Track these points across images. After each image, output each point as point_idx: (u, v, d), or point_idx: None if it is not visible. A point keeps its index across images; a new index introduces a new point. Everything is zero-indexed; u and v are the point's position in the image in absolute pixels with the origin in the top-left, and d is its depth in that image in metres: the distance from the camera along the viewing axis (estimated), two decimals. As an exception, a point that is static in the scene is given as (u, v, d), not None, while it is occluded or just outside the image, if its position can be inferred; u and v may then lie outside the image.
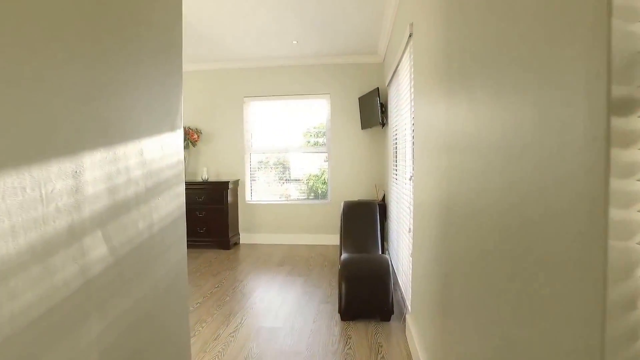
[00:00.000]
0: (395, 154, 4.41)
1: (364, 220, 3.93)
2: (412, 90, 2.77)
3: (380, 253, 3.67)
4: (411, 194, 2.84)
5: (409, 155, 3.55)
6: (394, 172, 4.45)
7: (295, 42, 4.87)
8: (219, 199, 5.46)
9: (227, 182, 5.43)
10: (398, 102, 3.86)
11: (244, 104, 5.86)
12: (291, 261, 4.83)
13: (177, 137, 1.98)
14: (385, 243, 5.03)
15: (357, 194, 5.64)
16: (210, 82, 5.91)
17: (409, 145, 3.44)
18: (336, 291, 3.71)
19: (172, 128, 1.93)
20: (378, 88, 4.96)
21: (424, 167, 2.27)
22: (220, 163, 5.94)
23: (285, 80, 5.74)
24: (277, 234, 5.83)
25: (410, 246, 2.86)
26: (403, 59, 3.38)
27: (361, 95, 5.45)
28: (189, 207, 5.67)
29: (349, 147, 5.66)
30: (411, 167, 3.03)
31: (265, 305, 3.41)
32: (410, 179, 2.91)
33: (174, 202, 1.94)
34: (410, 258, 2.82)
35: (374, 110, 5.07)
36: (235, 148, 5.89)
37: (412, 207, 2.81)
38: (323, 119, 5.79)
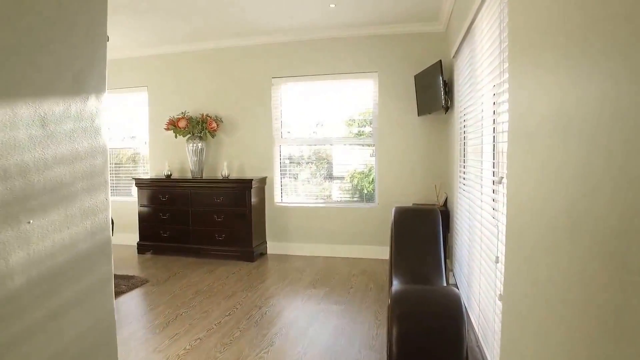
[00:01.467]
0: (463, 147, 3.51)
1: (422, 235, 3.06)
2: (505, 59, 1.90)
3: (445, 284, 2.80)
4: (501, 204, 1.96)
5: (487, 148, 2.65)
6: (461, 169, 3.54)
7: (333, 5, 4.06)
8: (241, 200, 4.76)
9: (251, 180, 4.72)
10: (472, 77, 2.97)
11: (272, 86, 5.12)
12: (327, 281, 4.04)
13: (88, 108, 1.22)
14: (447, 260, 4.14)
15: (412, 197, 4.76)
16: (231, 62, 5.22)
17: (487, 134, 2.55)
18: (383, 330, 2.89)
19: (77, 90, 1.19)
20: (441, 61, 4.06)
21: (533, 164, 1.40)
22: (244, 157, 5.25)
23: (321, 56, 4.94)
24: (311, 243, 5.07)
25: (498, 283, 1.99)
26: (482, 15, 2.49)
27: (418, 72, 4.56)
28: (206, 210, 5.00)
29: (402, 137, 4.79)
30: (493, 164, 2.15)
31: (287, 347, 2.65)
32: (498, 183, 2.02)
33: (80, 225, 1.19)
34: (498, 301, 1.95)
35: (434, 91, 4.17)
36: (262, 139, 5.17)
37: (501, 225, 1.94)
38: (369, 103, 4.95)
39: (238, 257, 4.78)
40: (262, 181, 5.07)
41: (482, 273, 2.46)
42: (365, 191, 5.04)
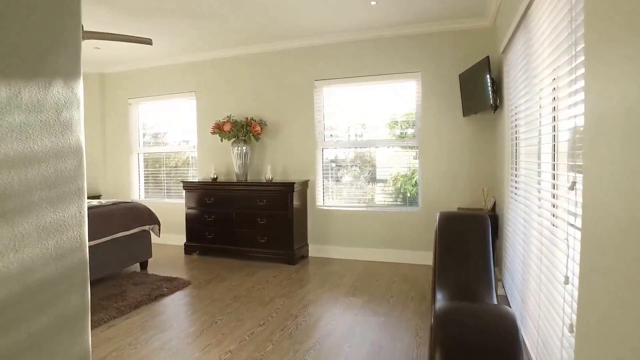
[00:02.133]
0: (515, 147, 3.01)
1: (470, 244, 2.61)
2: (578, 47, 1.45)
3: (495, 299, 2.33)
4: (572, 213, 1.51)
5: (545, 149, 2.18)
6: (513, 172, 3.04)
7: (374, 2, 3.66)
8: (283, 204, 4.45)
9: (293, 184, 4.40)
10: (527, 71, 2.49)
11: (314, 89, 4.79)
12: (367, 287, 3.65)
13: (51, 96, 0.91)
14: (495, 268, 3.63)
15: (457, 201, 4.27)
16: (275, 65, 4.94)
17: (546, 133, 2.08)
18: (424, 350, 2.46)
19: (32, 73, 0.88)
20: (488, 58, 3.56)
21: (622, 167, 0.97)
22: (288, 160, 4.95)
23: (363, 57, 4.56)
24: (352, 247, 4.68)
25: (567, 308, 1.53)
26: (541, 2, 2.02)
27: (463, 70, 4.08)
28: (249, 212, 4.69)
29: (446, 139, 4.30)
30: (553, 166, 1.69)
31: (318, 366, 2.29)
32: (570, 189, 1.56)
33: (36, 247, 0.88)
34: (568, 333, 1.50)
35: (481, 89, 3.68)
36: (305, 142, 4.85)
37: (573, 239, 1.49)
38: (412, 104, 4.50)
39: (279, 260, 4.48)
40: (305, 184, 4.74)
41: (542, 292, 1.99)
42: (409, 194, 4.59)
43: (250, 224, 4.60)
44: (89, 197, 5.53)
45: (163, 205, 5.62)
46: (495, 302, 2.26)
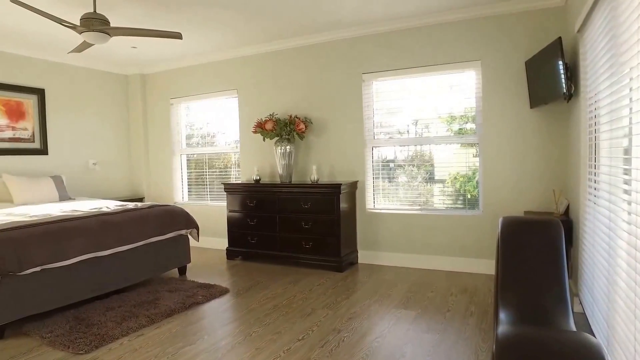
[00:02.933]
0: (594, 142, 2.65)
1: (539, 254, 2.29)
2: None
3: (572, 322, 2.01)
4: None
5: (637, 143, 1.84)
6: (591, 171, 2.68)
7: (427, -17, 3.40)
8: (329, 206, 4.29)
9: (339, 185, 4.23)
10: (613, 48, 2.14)
11: (363, 82, 4.58)
12: (420, 299, 3.39)
13: None
14: (570, 281, 3.26)
15: (523, 204, 3.89)
16: (319, 59, 4.79)
17: (639, 123, 1.75)
18: (487, 377, 2.20)
19: None
20: (560, 39, 3.18)
21: None
22: (335, 160, 4.78)
23: (415, 47, 4.29)
24: (406, 253, 4.42)
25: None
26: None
27: (530, 57, 3.71)
28: (293, 216, 4.47)
29: (510, 134, 3.94)
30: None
31: (361, 391, 2.10)
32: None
33: None
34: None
35: (552, 76, 3.30)
36: (353, 140, 4.66)
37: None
38: (471, 96, 4.17)
39: (325, 267, 4.32)
40: (353, 186, 4.55)
41: (638, 319, 1.66)
42: (469, 196, 4.26)
43: (295, 228, 4.48)
44: (131, 200, 5.67)
45: (206, 209, 5.65)
46: (573, 326, 1.96)
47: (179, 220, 4.09)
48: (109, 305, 3.33)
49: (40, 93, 5.08)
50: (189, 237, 4.28)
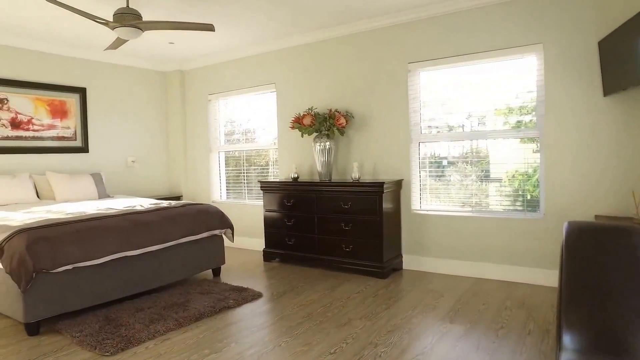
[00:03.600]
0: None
1: (614, 268, 1.96)
2: None
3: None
4: None
5: None
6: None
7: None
8: (371, 207, 4.06)
9: (382, 184, 3.99)
10: None
11: (408, 72, 4.31)
12: (470, 312, 3.10)
13: None
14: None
15: (594, 207, 3.47)
16: (361, 49, 4.56)
17: None
18: (547, 411, 1.90)
19: None
20: (641, 13, 2.77)
21: None
22: (378, 156, 4.54)
23: (467, 31, 3.96)
24: (456, 259, 4.11)
25: None
26: None
27: (604, 36, 3.29)
28: (333, 217, 4.23)
29: (578, 126, 3.53)
30: None
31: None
32: None
33: None
34: None
35: (632, 58, 2.89)
36: (397, 135, 4.40)
37: None
38: (531, 85, 3.79)
39: (367, 272, 4.09)
40: (397, 184, 4.30)
41: None
42: (529, 196, 3.88)
43: (334, 229, 4.29)
44: (169, 198, 5.71)
45: (244, 207, 5.59)
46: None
47: (213, 219, 4.02)
48: (139, 305, 3.31)
49: (81, 92, 5.23)
50: (224, 237, 4.20)
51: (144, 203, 4.17)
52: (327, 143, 4.51)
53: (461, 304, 3.28)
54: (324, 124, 4.49)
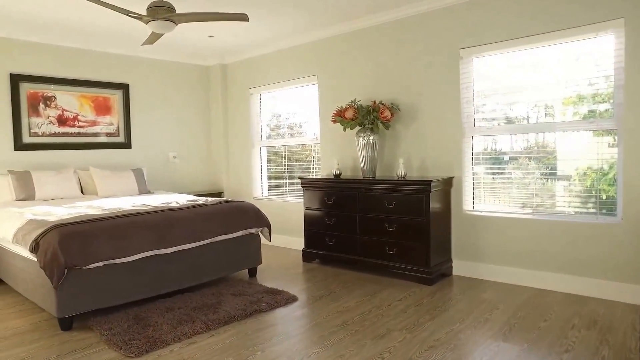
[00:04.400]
0: None
1: None
2: None
3: None
4: None
5: None
6: None
7: None
8: (417, 207, 3.80)
9: (430, 182, 3.71)
10: None
11: (460, 60, 3.99)
12: (530, 328, 2.77)
13: None
14: None
15: (684, 209, 3.01)
16: (408, 36, 4.28)
17: None
18: None
19: None
20: None
21: None
22: (426, 152, 4.25)
23: (528, 8, 3.58)
24: (514, 267, 3.75)
25: None
26: None
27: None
28: (376, 216, 4.00)
29: (665, 115, 3.07)
30: None
31: None
32: None
33: None
34: None
35: None
36: (448, 128, 4.09)
37: None
38: (607, 68, 3.36)
39: (412, 278, 3.83)
40: (447, 182, 4.00)
41: None
42: (604, 197, 3.45)
43: (377, 230, 4.06)
44: (210, 194, 5.71)
45: (285, 205, 5.48)
46: None
47: (249, 218, 3.93)
48: (170, 305, 3.27)
49: (124, 88, 5.35)
50: (261, 236, 4.10)
51: (180, 199, 4.16)
52: (371, 137, 4.28)
53: (518, 318, 2.95)
54: (368, 117, 4.26)
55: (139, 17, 3.28)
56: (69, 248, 2.81)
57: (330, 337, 2.71)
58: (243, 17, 3.36)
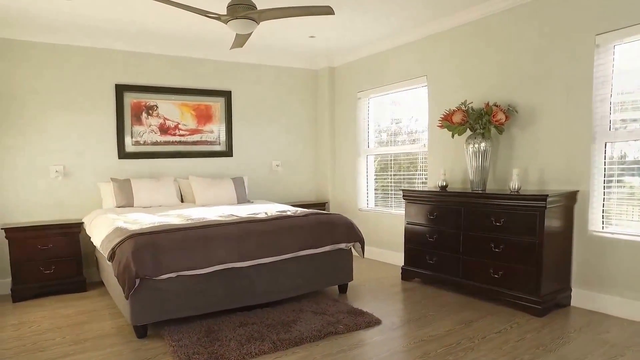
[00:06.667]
0: None
1: None
2: None
3: None
4: None
5: None
6: None
7: None
8: (528, 225, 3.68)
9: (545, 197, 3.56)
10: None
11: (596, 49, 3.69)
12: (648, 381, 2.56)
13: None
14: None
15: None
16: (528, 26, 4.12)
17: None
18: None
19: None
20: None
21: None
22: (546, 161, 4.06)
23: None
24: (653, 303, 3.42)
25: None
26: None
27: None
28: (481, 235, 4.04)
29: None
30: None
31: None
32: None
33: None
34: None
35: None
36: (573, 133, 3.86)
37: None
38: None
39: (518, 306, 3.72)
40: (570, 197, 3.79)
41: None
42: None
43: (481, 250, 4.01)
44: (315, 205, 6.03)
45: (389, 217, 5.61)
46: None
47: (339, 232, 4.12)
48: (245, 319, 3.52)
49: (227, 95, 5.93)
50: (353, 251, 4.29)
51: (272, 210, 4.51)
52: (482, 144, 4.22)
53: (641, 367, 2.74)
54: (479, 122, 4.22)
55: (217, 17, 3.46)
56: (142, 259, 3.10)
57: (404, 369, 2.80)
58: (328, 11, 3.37)
